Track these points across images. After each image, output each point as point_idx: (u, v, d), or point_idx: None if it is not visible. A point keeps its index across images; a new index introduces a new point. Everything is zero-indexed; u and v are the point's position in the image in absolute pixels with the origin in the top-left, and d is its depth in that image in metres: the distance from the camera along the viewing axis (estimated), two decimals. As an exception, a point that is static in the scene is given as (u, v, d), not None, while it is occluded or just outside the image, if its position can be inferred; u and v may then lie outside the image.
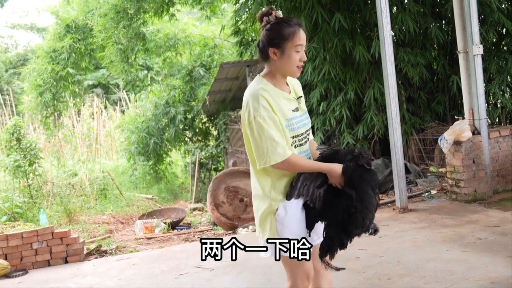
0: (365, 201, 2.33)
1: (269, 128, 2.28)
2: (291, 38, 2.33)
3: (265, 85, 2.36)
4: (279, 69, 2.38)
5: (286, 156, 2.29)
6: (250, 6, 8.53)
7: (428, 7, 7.84)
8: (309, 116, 2.60)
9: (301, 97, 2.52)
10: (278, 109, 2.33)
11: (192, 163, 13.64)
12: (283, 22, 2.36)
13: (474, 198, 5.85)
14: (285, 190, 2.37)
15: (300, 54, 2.36)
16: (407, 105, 7.97)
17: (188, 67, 13.20)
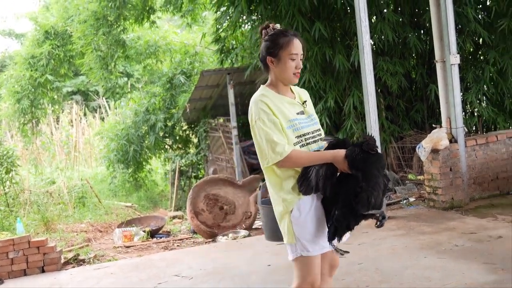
0: (371, 181, 2.43)
1: (268, 129, 2.43)
2: (286, 47, 2.50)
3: (266, 92, 2.54)
4: (278, 76, 2.56)
5: (285, 154, 2.40)
6: (231, 14, 8.54)
7: (407, 17, 7.94)
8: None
9: (306, 102, 2.66)
10: (279, 111, 2.48)
11: (172, 171, 13.55)
12: (279, 33, 2.55)
13: (451, 206, 5.92)
14: (294, 191, 2.46)
15: (295, 62, 2.52)
16: (386, 113, 8.05)
17: (169, 75, 13.14)
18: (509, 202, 5.94)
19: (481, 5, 8.01)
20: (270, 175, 2.54)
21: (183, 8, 12.18)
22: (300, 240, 2.48)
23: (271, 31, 2.58)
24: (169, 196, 13.11)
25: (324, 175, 2.45)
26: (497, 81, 7.69)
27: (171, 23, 17.50)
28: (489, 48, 7.69)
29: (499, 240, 4.62)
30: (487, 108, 7.69)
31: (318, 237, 2.50)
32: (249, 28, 8.95)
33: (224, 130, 10.84)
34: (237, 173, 10.08)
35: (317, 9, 7.58)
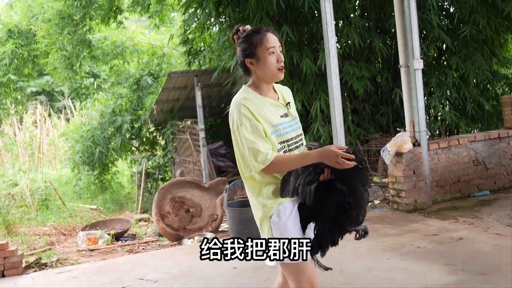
0: (357, 196, 2.36)
1: (250, 136, 2.32)
2: (261, 43, 2.39)
3: (248, 94, 2.41)
4: (261, 77, 2.43)
5: (269, 161, 2.30)
6: (198, 16, 8.52)
7: (373, 22, 8.07)
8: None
9: (289, 103, 2.55)
10: (263, 116, 2.36)
11: (138, 173, 13.40)
12: (251, 32, 2.44)
13: (415, 208, 6.03)
14: (274, 196, 2.39)
15: (275, 55, 2.40)
16: (352, 117, 8.15)
17: (136, 76, 13.00)
18: (470, 204, 6.08)
19: (444, 12, 8.21)
20: (249, 180, 2.45)
21: (151, 9, 12.10)
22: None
23: (242, 34, 2.47)
24: (136, 199, 12.96)
25: (304, 182, 2.33)
26: (460, 86, 7.88)
27: (139, 24, 17.33)
28: (452, 54, 7.88)
29: (460, 242, 4.73)
30: (450, 113, 7.87)
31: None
32: (217, 30, 8.94)
33: (192, 132, 10.78)
34: (204, 175, 10.04)
35: (285, 13, 7.63)
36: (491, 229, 5.03)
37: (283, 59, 2.43)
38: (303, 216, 2.42)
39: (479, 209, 5.84)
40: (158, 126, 13.09)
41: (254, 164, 2.32)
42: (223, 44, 8.61)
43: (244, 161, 2.36)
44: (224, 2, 7.96)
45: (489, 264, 4.09)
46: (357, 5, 8.36)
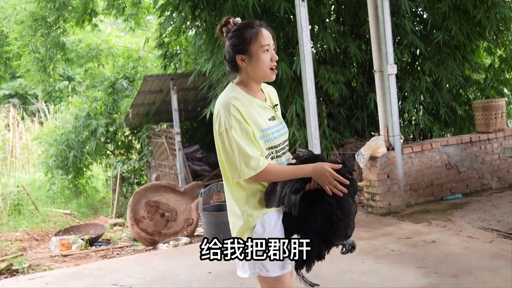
0: (345, 209, 2.26)
1: (241, 140, 2.15)
2: (255, 40, 2.22)
3: (237, 94, 2.23)
4: (251, 76, 2.27)
5: (260, 169, 2.16)
6: (174, 19, 8.49)
7: (348, 27, 8.14)
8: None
9: (277, 105, 2.40)
10: (252, 119, 2.20)
11: (113, 177, 13.26)
12: (243, 26, 2.26)
13: (389, 211, 6.09)
14: (260, 205, 2.24)
15: (270, 54, 2.25)
16: (328, 121, 8.20)
17: (111, 79, 12.87)
18: (442, 207, 6.17)
19: (418, 18, 8.33)
20: (234, 187, 2.27)
21: (126, 12, 12.00)
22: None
23: (232, 27, 2.27)
24: (110, 203, 12.82)
25: (290, 191, 2.23)
26: (433, 91, 7.99)
27: (114, 27, 17.20)
28: (426, 59, 8.00)
29: (433, 245, 4.79)
30: (423, 117, 7.98)
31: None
32: (193, 33, 8.91)
33: (167, 136, 10.72)
34: (180, 179, 9.99)
35: (261, 17, 7.63)
36: (463, 232, 5.11)
37: (277, 58, 2.28)
38: (287, 227, 2.31)
39: (452, 212, 5.93)
40: (133, 129, 12.98)
41: (245, 170, 2.16)
42: (199, 47, 8.59)
43: (232, 166, 2.19)
44: (200, 5, 7.94)
45: (460, 266, 4.15)
46: (333, 10, 8.42)
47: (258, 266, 2.26)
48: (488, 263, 4.16)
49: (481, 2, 7.65)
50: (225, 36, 2.29)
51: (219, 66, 7.75)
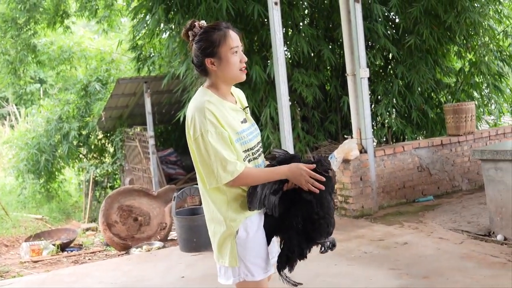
0: (324, 206, 2.25)
1: (217, 144, 2.11)
2: (224, 42, 2.20)
3: (210, 97, 2.19)
4: (221, 78, 2.24)
5: (238, 173, 2.13)
6: (148, 21, 8.42)
7: (322, 31, 8.18)
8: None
9: (247, 108, 2.39)
10: (227, 122, 2.17)
11: (86, 181, 13.09)
12: (210, 29, 2.23)
13: (362, 214, 6.14)
14: (242, 209, 2.21)
15: (239, 55, 2.23)
16: (302, 124, 8.22)
17: (84, 82, 12.71)
18: (414, 209, 6.25)
19: (390, 22, 8.43)
20: (214, 193, 2.23)
21: (99, 14, 11.86)
22: (244, 262, 2.21)
23: (199, 30, 2.24)
24: (83, 208, 12.64)
25: (269, 192, 2.21)
26: (405, 94, 8.09)
27: (87, 29, 17.00)
28: (398, 63, 8.09)
29: (405, 246, 4.84)
30: (396, 120, 8.07)
31: (264, 260, 2.27)
32: (167, 36, 8.86)
33: (141, 140, 10.63)
34: (154, 183, 9.91)
35: (235, 20, 7.63)
36: (434, 233, 5.17)
37: (246, 59, 2.27)
38: (269, 228, 2.29)
39: (423, 214, 6.01)
40: (106, 133, 12.84)
41: (222, 175, 2.12)
42: (173, 50, 8.53)
43: (209, 172, 2.15)
44: (173, 8, 7.90)
45: (432, 267, 4.20)
46: (306, 14, 8.47)
47: (243, 271, 2.23)
48: (459, 264, 4.22)
49: (451, 7, 7.78)
50: (191, 40, 2.26)
51: (193, 69, 7.70)
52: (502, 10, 8.53)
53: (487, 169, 4.74)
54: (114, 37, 14.06)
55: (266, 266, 2.28)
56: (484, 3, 8.14)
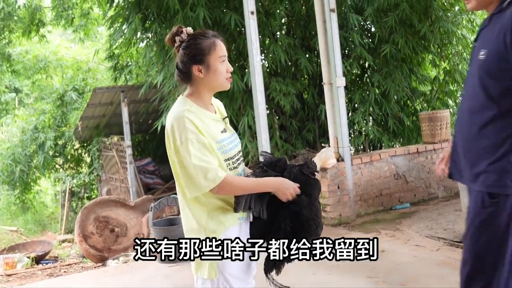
0: (313, 207, 2.26)
1: (198, 152, 2.09)
2: (213, 50, 2.20)
3: (190, 106, 2.18)
4: (207, 86, 2.24)
5: (219, 180, 2.09)
6: (124, 30, 8.37)
7: (299, 40, 8.23)
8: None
9: (226, 118, 2.38)
10: (207, 131, 2.15)
11: (62, 192, 12.91)
12: (199, 36, 2.22)
13: (340, 222, 6.16)
14: (222, 220, 2.19)
15: (225, 65, 2.24)
16: (280, 133, 8.24)
17: (60, 91, 12.57)
18: (391, 217, 6.29)
19: (366, 31, 8.52)
20: (193, 204, 2.20)
21: (75, 23, 11.76)
22: (223, 274, 2.18)
23: (186, 36, 2.22)
24: (59, 219, 12.47)
25: (256, 195, 2.20)
26: (382, 102, 8.17)
27: (63, 38, 16.83)
28: (374, 72, 8.18)
29: (382, 254, 4.86)
30: (372, 128, 8.14)
31: (244, 271, 2.26)
32: (144, 45, 8.82)
33: (118, 149, 10.53)
34: (132, 193, 9.82)
35: (212, 29, 7.62)
36: (411, 240, 5.21)
37: (232, 68, 2.28)
38: (257, 232, 2.28)
39: (400, 221, 6.05)
40: (83, 143, 12.70)
41: (203, 183, 2.09)
42: (150, 59, 8.49)
43: (190, 181, 2.12)
44: (150, 17, 7.88)
45: (409, 275, 4.23)
46: (283, 23, 8.51)
47: (222, 283, 2.20)
48: (435, 271, 4.26)
49: (425, 17, 7.91)
50: (177, 46, 2.25)
51: (171, 78, 7.69)
52: (474, 19, 8.69)
53: (461, 177, 4.80)
54: (90, 46, 13.96)
55: (246, 278, 2.27)
56: (457, 13, 8.30)
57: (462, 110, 2.36)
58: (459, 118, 2.39)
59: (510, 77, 2.07)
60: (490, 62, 2.11)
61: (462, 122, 2.33)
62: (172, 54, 7.47)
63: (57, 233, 11.29)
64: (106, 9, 9.34)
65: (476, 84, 2.19)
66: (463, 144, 2.31)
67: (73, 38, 13.61)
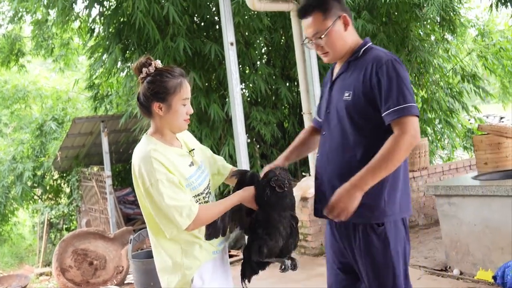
0: (269, 227, 2.22)
1: (168, 191, 2.06)
2: (178, 91, 2.17)
3: (155, 145, 2.15)
4: (165, 125, 2.21)
5: (194, 215, 2.07)
6: (104, 60, 8.37)
7: (279, 69, 8.32)
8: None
9: (193, 150, 2.33)
10: (175, 168, 2.12)
11: (41, 223, 12.68)
12: (166, 73, 2.18)
13: (321, 252, 6.12)
14: (198, 255, 2.19)
15: (186, 107, 2.21)
16: (261, 161, 8.24)
17: (39, 121, 12.47)
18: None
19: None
20: (166, 242, 2.19)
21: (55, 53, 11.73)
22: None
23: (153, 70, 2.18)
24: (37, 251, 12.21)
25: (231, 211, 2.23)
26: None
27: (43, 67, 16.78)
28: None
29: (364, 284, 4.83)
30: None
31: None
32: (125, 75, 8.82)
33: (98, 180, 10.41)
34: (111, 224, 9.68)
35: (192, 59, 7.69)
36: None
37: (192, 111, 2.26)
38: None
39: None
40: (62, 173, 12.54)
41: (180, 221, 2.06)
42: (130, 89, 8.49)
43: (166, 221, 2.09)
44: (131, 48, 7.90)
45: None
46: (263, 53, 8.61)
47: None
48: (416, 300, 4.24)
49: (402, 46, 8.06)
50: (142, 77, 2.20)
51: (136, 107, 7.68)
52: (450, 49, 8.89)
53: (441, 204, 4.83)
54: (71, 76, 13.92)
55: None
56: (433, 43, 8.48)
57: (327, 149, 2.46)
58: (323, 157, 2.49)
59: (376, 114, 2.24)
60: (357, 102, 2.28)
61: (330, 160, 2.43)
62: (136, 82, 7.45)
63: (34, 266, 11.04)
64: (86, 39, 9.34)
65: (344, 123, 2.34)
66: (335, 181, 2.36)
67: (53, 68, 13.56)
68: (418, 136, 2.21)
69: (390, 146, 2.18)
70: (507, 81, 10.44)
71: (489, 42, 9.91)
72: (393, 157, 2.17)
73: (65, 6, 8.03)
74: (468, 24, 9.92)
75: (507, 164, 5.24)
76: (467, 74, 9.09)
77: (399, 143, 2.16)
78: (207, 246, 2.24)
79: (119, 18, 7.78)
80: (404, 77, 2.26)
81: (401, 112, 2.18)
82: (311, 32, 2.36)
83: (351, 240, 2.38)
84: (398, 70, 2.25)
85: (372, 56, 2.32)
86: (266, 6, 6.01)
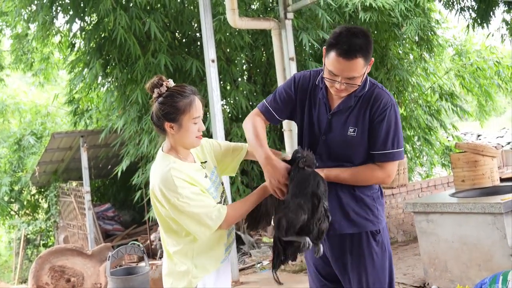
0: (292, 201, 2.20)
1: (195, 201, 2.15)
2: (188, 111, 2.21)
3: (173, 163, 2.21)
4: (178, 142, 2.26)
5: (223, 216, 2.20)
6: (85, 75, 8.33)
7: (259, 86, 8.38)
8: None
9: (205, 162, 2.39)
10: (195, 182, 2.21)
11: (17, 239, 12.45)
12: (177, 94, 2.21)
13: (301, 268, 6.12)
14: (205, 267, 2.25)
15: (198, 125, 2.25)
16: (242, 178, 8.25)
17: (17, 135, 12.31)
18: (352, 262, 6.29)
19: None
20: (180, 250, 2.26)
21: (35, 67, 11.63)
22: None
23: (165, 91, 2.22)
24: (13, 267, 11.97)
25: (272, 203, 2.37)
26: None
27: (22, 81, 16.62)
28: (333, 117, 8.35)
29: (343, 301, 4.84)
30: (334, 172, 8.23)
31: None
32: (105, 90, 8.79)
33: (77, 195, 10.29)
34: (90, 240, 9.55)
35: (173, 75, 7.70)
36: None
37: (204, 128, 2.29)
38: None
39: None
40: (40, 188, 12.38)
41: (211, 224, 2.17)
42: (111, 104, 8.46)
43: (199, 226, 2.17)
44: (111, 63, 7.89)
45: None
46: (244, 70, 8.66)
47: None
48: (395, 317, 4.25)
49: (381, 65, 8.19)
50: (155, 97, 2.25)
51: (131, 123, 7.66)
52: (428, 68, 9.05)
53: (419, 221, 4.88)
54: (50, 90, 13.80)
55: None
56: (411, 61, 8.63)
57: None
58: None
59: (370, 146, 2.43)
60: (362, 138, 2.42)
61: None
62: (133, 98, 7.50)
63: (10, 283, 10.82)
64: (66, 54, 9.31)
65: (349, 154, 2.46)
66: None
67: (32, 82, 13.43)
68: (392, 177, 2.46)
69: (367, 173, 2.42)
70: (484, 99, 10.64)
71: (467, 62, 10.11)
72: (363, 181, 2.43)
73: (46, 20, 8.00)
74: (446, 44, 10.13)
75: (483, 182, 5.32)
76: (445, 93, 9.27)
77: (375, 177, 2.43)
78: (217, 255, 2.32)
79: (100, 33, 7.78)
80: (399, 123, 2.45)
81: (389, 157, 2.41)
82: (348, 75, 2.27)
83: (345, 249, 2.46)
84: (397, 116, 2.42)
85: (377, 96, 2.42)
86: (247, 24, 6.07)
